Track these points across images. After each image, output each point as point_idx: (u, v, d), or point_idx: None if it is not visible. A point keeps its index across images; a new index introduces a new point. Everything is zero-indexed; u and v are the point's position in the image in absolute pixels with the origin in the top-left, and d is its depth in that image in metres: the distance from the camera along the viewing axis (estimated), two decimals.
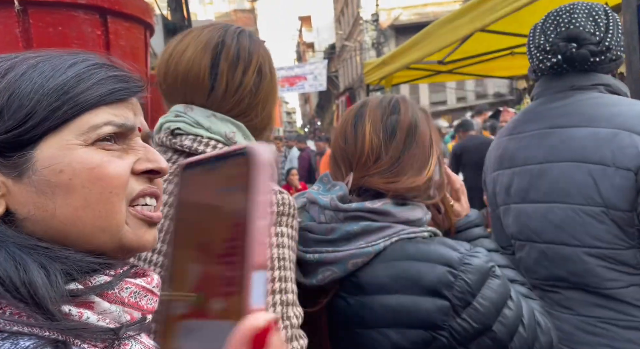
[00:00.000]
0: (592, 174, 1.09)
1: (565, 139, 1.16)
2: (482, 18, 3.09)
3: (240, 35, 0.93)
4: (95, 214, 0.48)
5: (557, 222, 1.16)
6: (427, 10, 20.44)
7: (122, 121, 0.51)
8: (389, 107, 0.96)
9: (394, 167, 0.92)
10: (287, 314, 0.77)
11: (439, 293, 0.82)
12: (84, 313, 0.44)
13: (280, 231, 0.81)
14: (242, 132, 0.92)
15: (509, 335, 0.84)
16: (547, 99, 1.25)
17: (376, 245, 0.87)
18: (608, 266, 1.10)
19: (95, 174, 0.48)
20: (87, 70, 0.51)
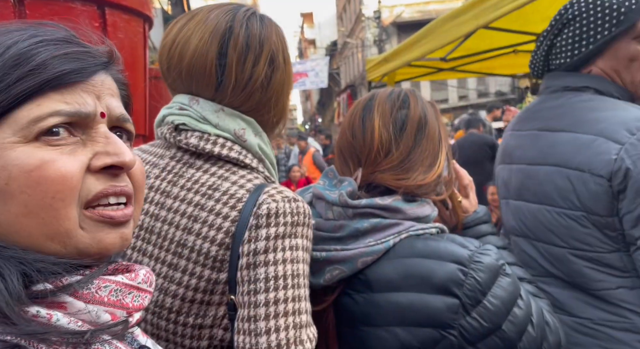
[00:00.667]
0: (571, 179, 1.09)
1: (552, 143, 1.17)
2: (485, 15, 3.06)
3: (250, 19, 0.84)
4: (39, 222, 0.42)
5: (546, 223, 1.17)
6: (430, 8, 20.37)
7: (74, 109, 0.44)
8: (399, 101, 0.94)
9: (405, 163, 0.90)
10: (300, 338, 0.71)
11: (449, 290, 0.81)
12: (54, 314, 0.40)
13: (295, 243, 0.75)
14: (253, 129, 0.85)
15: (518, 334, 0.83)
16: (544, 98, 1.26)
17: (385, 242, 0.85)
18: (595, 267, 1.10)
19: (34, 177, 0.41)
20: (30, 50, 0.43)
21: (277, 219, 0.74)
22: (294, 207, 0.77)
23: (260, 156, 0.86)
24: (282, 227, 0.74)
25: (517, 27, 3.85)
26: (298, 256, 0.75)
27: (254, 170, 0.83)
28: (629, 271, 1.07)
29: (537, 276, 1.26)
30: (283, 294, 0.72)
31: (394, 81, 5.45)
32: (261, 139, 0.86)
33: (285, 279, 0.73)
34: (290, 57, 0.92)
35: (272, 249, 0.73)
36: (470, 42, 3.96)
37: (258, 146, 0.85)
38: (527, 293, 0.88)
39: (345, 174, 0.95)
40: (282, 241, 0.74)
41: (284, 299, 0.72)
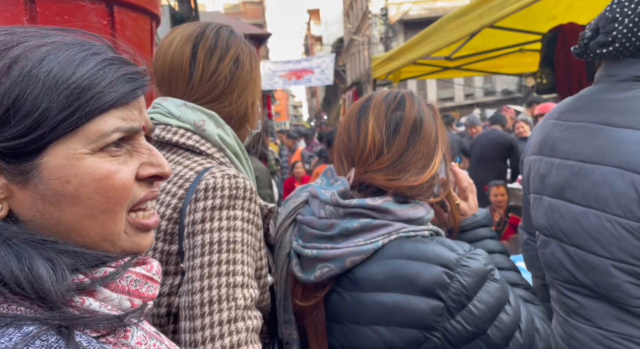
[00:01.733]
0: (636, 186, 0.97)
1: (614, 140, 1.02)
2: (491, 14, 3.05)
3: (220, 29, 0.98)
4: (98, 224, 0.48)
5: (589, 228, 1.05)
6: (437, 5, 20.25)
7: (129, 126, 0.50)
8: (394, 103, 0.94)
9: (396, 164, 0.90)
10: (233, 296, 0.77)
11: (433, 293, 0.81)
12: (86, 300, 0.45)
13: (233, 214, 0.82)
14: (214, 121, 0.94)
15: (504, 340, 0.83)
16: (606, 88, 1.08)
17: (374, 243, 0.86)
18: (637, 283, 1.00)
19: (102, 186, 0.47)
20: (97, 70, 0.48)
21: (215, 192, 0.82)
22: (233, 182, 0.84)
23: (220, 145, 0.94)
24: (218, 199, 0.82)
25: (523, 27, 3.83)
26: (235, 225, 0.82)
27: (209, 156, 0.91)
28: None
29: (561, 282, 1.17)
30: (217, 257, 0.79)
31: (399, 79, 5.45)
32: (223, 130, 0.95)
33: (220, 244, 0.79)
34: (259, 72, 1.04)
35: (208, 219, 0.81)
36: (476, 41, 3.95)
37: (218, 135, 0.94)
38: (518, 299, 0.88)
39: (340, 173, 0.95)
40: (219, 212, 0.81)
41: (217, 262, 0.78)
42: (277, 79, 12.32)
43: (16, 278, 0.41)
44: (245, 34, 1.08)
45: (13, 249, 0.43)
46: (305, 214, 0.97)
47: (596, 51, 1.05)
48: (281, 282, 0.98)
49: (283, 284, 0.98)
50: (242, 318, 0.77)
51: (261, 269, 0.92)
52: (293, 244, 0.95)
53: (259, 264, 0.91)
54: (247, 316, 0.78)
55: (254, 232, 0.85)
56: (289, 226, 1.01)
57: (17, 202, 0.46)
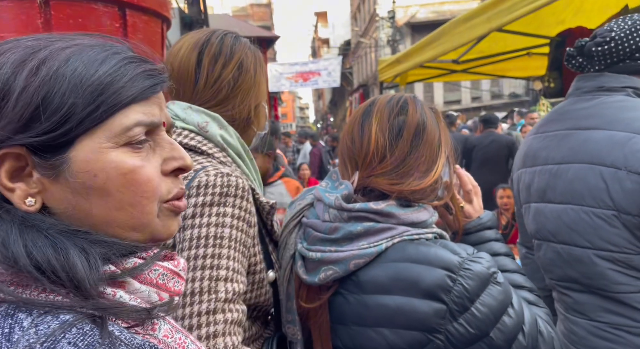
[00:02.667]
0: (604, 177, 1.08)
1: (583, 141, 1.15)
2: (499, 18, 3.05)
3: (225, 36, 1.03)
4: (128, 215, 0.50)
5: (570, 223, 1.16)
6: (444, 9, 20.21)
7: (150, 120, 0.52)
8: (397, 107, 0.95)
9: (399, 168, 0.91)
10: (215, 289, 0.80)
11: (436, 296, 0.82)
12: (117, 292, 0.47)
13: (223, 211, 0.85)
14: (218, 123, 0.98)
15: (507, 342, 0.83)
16: (575, 100, 1.24)
17: (378, 246, 0.87)
18: (619, 269, 1.10)
19: (128, 179, 0.49)
20: (118, 68, 0.50)
21: (206, 189, 0.86)
22: (225, 180, 0.87)
23: (222, 145, 0.98)
24: (209, 196, 0.85)
25: (532, 30, 3.83)
26: (224, 222, 0.85)
27: (210, 156, 0.95)
28: None
29: (557, 280, 1.25)
30: (203, 251, 0.82)
31: (406, 82, 5.45)
32: (226, 132, 0.99)
33: (207, 239, 0.83)
34: (265, 75, 1.08)
35: (198, 215, 0.84)
36: (483, 44, 3.95)
37: (220, 136, 0.98)
38: (521, 302, 0.88)
39: (345, 177, 0.96)
40: (209, 208, 0.85)
41: (202, 255, 0.82)
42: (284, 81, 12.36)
43: (53, 266, 0.43)
44: (252, 37, 1.12)
45: (49, 239, 0.45)
46: (310, 216, 0.98)
47: (591, 49, 1.16)
48: (284, 283, 0.99)
49: (286, 285, 0.99)
50: (222, 310, 0.80)
51: (255, 264, 0.94)
52: (298, 247, 0.96)
53: (252, 260, 0.93)
54: (227, 308, 0.81)
55: (245, 229, 0.88)
56: (294, 228, 1.02)
57: (50, 196, 0.48)
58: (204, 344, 0.77)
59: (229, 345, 0.79)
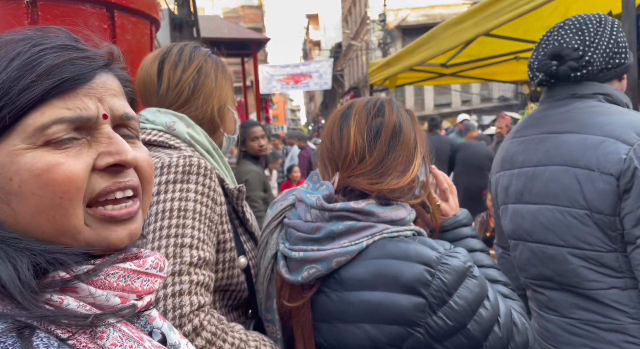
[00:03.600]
0: (578, 178, 1.13)
1: (558, 144, 1.20)
2: (486, 22, 3.10)
3: (185, 46, 1.12)
4: (50, 220, 0.46)
5: (545, 223, 1.21)
6: (435, 12, 20.39)
7: (75, 115, 0.47)
8: (374, 109, 0.98)
9: (378, 168, 0.93)
10: (180, 254, 0.84)
11: (416, 290, 0.84)
12: (65, 299, 0.44)
13: (186, 187, 0.90)
14: (185, 122, 1.05)
15: (483, 334, 0.86)
16: (548, 106, 1.30)
17: (359, 244, 0.89)
18: (590, 267, 1.14)
19: (42, 180, 0.45)
20: (31, 60, 0.46)
21: (169, 169, 0.91)
22: (187, 161, 0.92)
23: (190, 141, 1.04)
24: (172, 175, 0.91)
25: (519, 35, 3.88)
26: (188, 196, 0.89)
27: (178, 149, 1.00)
28: (624, 272, 1.11)
29: (531, 279, 1.30)
30: (167, 223, 0.86)
31: (395, 85, 5.49)
32: (193, 130, 1.06)
33: (171, 212, 0.87)
34: (228, 82, 1.14)
35: (163, 192, 0.89)
36: (472, 48, 4.00)
37: (188, 134, 1.04)
38: (497, 295, 0.91)
39: (325, 178, 0.99)
40: (172, 185, 0.90)
41: (167, 226, 0.86)
42: (275, 82, 12.37)
43: None
44: (244, 38, 1.18)
45: None
46: (291, 217, 1.00)
47: (569, 75, 1.23)
48: (264, 282, 1.01)
49: (266, 285, 1.00)
50: (188, 272, 0.83)
51: (225, 242, 0.98)
52: (280, 247, 0.98)
53: (221, 237, 0.97)
54: (193, 271, 0.83)
55: (210, 205, 0.92)
56: (276, 228, 1.04)
57: None
58: (169, 303, 0.77)
59: (194, 303, 0.80)
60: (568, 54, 1.22)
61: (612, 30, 1.22)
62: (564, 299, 1.21)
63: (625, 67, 1.24)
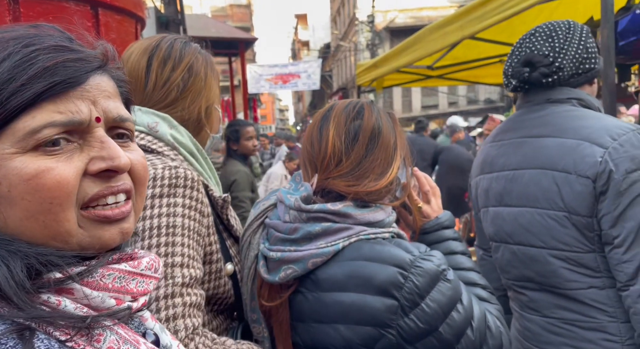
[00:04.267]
0: (556, 181, 1.16)
1: (536, 147, 1.23)
2: (472, 26, 3.13)
3: (175, 41, 1.06)
4: (40, 224, 0.45)
5: (525, 225, 1.23)
6: (423, 14, 20.53)
7: (67, 118, 0.46)
8: (354, 112, 0.98)
9: (355, 170, 0.94)
10: (171, 274, 0.83)
11: (388, 292, 0.85)
12: (62, 300, 0.44)
13: (173, 201, 0.88)
14: (168, 123, 1.01)
15: (455, 337, 0.87)
16: (526, 111, 1.33)
17: (335, 245, 0.90)
18: (570, 267, 1.17)
19: (32, 185, 0.44)
20: (23, 62, 0.45)
21: (155, 182, 0.88)
22: (173, 172, 0.90)
23: (173, 144, 1.01)
24: (158, 188, 0.88)
25: (504, 39, 3.93)
26: (176, 211, 0.87)
27: (160, 154, 0.98)
28: (602, 272, 1.14)
29: (513, 281, 1.32)
30: (156, 241, 0.84)
31: (382, 87, 5.52)
32: (177, 131, 1.01)
33: (159, 229, 0.85)
34: (216, 79, 1.09)
35: (149, 207, 0.87)
36: (457, 51, 4.04)
37: (171, 135, 1.00)
38: (471, 298, 0.92)
39: (305, 179, 0.99)
40: (159, 199, 0.87)
41: (156, 244, 0.84)
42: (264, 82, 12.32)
43: None
44: (231, 38, 1.14)
45: None
46: (272, 217, 1.00)
47: (541, 81, 1.26)
48: (248, 282, 1.01)
49: (250, 285, 1.01)
50: (180, 294, 0.82)
51: (211, 254, 0.97)
52: (260, 247, 0.99)
53: (208, 249, 0.95)
54: (185, 292, 0.83)
55: (198, 218, 0.90)
56: (258, 228, 1.04)
57: None
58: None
59: (189, 326, 0.80)
60: (539, 60, 1.25)
61: (580, 37, 1.25)
62: (544, 299, 1.23)
63: (595, 72, 1.27)
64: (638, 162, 1.07)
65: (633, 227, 1.06)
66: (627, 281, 1.08)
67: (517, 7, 2.65)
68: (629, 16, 2.38)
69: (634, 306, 1.07)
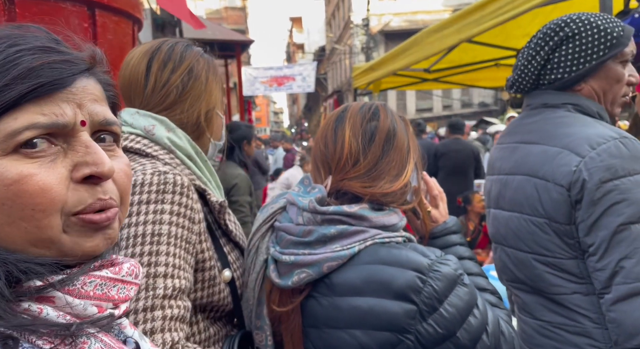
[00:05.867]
0: (537, 188, 1.17)
1: (525, 154, 1.24)
2: (468, 29, 3.15)
3: (176, 44, 1.05)
4: (21, 230, 0.44)
5: (514, 229, 1.25)
6: (417, 18, 20.65)
7: (50, 121, 0.44)
8: (369, 113, 0.98)
9: (372, 172, 0.93)
10: (153, 286, 0.80)
11: (407, 297, 0.84)
12: (44, 308, 0.43)
13: (160, 208, 0.85)
14: (165, 126, 0.99)
15: (472, 342, 0.86)
16: (525, 114, 1.33)
17: (351, 248, 0.88)
18: (554, 272, 1.18)
19: (13, 191, 0.42)
20: (7, 62, 0.43)
21: (142, 188, 0.86)
22: (162, 178, 0.88)
23: (170, 147, 0.98)
24: (145, 194, 0.86)
25: (499, 42, 3.96)
26: (162, 219, 0.85)
27: (155, 158, 0.95)
28: (585, 278, 1.13)
29: (509, 281, 1.33)
30: (140, 250, 0.82)
31: (379, 89, 5.53)
32: (174, 134, 1.00)
33: (144, 237, 0.82)
34: (218, 84, 1.07)
35: (135, 213, 0.84)
36: (454, 54, 4.06)
37: (168, 138, 0.98)
38: (485, 303, 0.91)
39: (317, 181, 0.98)
40: (146, 206, 0.85)
41: (139, 253, 0.81)
42: (259, 85, 12.31)
43: None
44: (227, 40, 1.13)
45: None
46: (282, 220, 0.98)
47: (511, 88, 1.31)
48: (255, 288, 0.99)
49: (257, 290, 0.98)
50: (161, 306, 0.79)
51: (204, 261, 0.94)
52: (270, 251, 0.97)
53: (200, 257, 0.93)
54: (167, 305, 0.80)
55: (187, 226, 0.88)
56: (267, 232, 1.02)
57: None
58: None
59: (167, 341, 0.77)
60: (514, 69, 1.26)
61: (577, 39, 1.21)
62: (535, 302, 1.24)
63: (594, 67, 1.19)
64: (614, 171, 1.05)
65: (605, 236, 1.05)
66: (602, 289, 1.08)
67: (514, 11, 2.67)
68: (627, 20, 2.40)
69: (608, 314, 1.07)
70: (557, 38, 1.21)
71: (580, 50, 1.19)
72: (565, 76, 1.22)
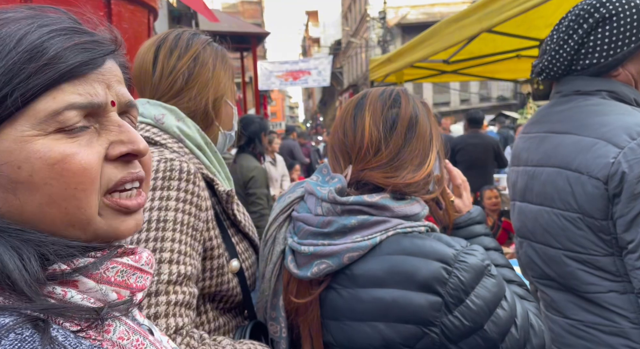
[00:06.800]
0: (570, 181, 1.10)
1: (555, 145, 1.17)
2: (489, 18, 3.06)
3: (183, 33, 1.06)
4: (61, 211, 0.44)
5: (544, 224, 1.19)
6: (435, 10, 20.35)
7: (87, 100, 0.46)
8: (390, 100, 0.94)
9: (394, 161, 0.90)
10: (158, 271, 0.80)
11: (432, 289, 0.81)
12: (68, 291, 0.43)
13: (167, 194, 0.85)
14: (175, 115, 0.99)
15: (500, 335, 0.83)
16: (554, 102, 1.26)
17: (372, 239, 0.86)
18: (587, 270, 1.11)
19: (57, 170, 0.43)
20: (42, 42, 0.44)
21: None
22: (168, 165, 0.88)
23: (179, 136, 0.98)
24: (152, 181, 0.85)
25: (521, 32, 3.85)
26: (168, 205, 0.85)
27: (163, 146, 0.96)
28: (622, 276, 1.07)
29: (536, 278, 1.28)
30: (145, 236, 0.82)
31: (401, 81, 5.45)
32: (184, 123, 0.99)
33: (149, 223, 0.83)
34: (227, 73, 1.07)
35: None
36: (473, 45, 3.96)
37: (177, 127, 0.98)
38: (513, 295, 0.88)
39: (336, 171, 0.95)
40: (152, 193, 0.85)
41: (145, 239, 0.82)
42: (274, 79, 12.30)
43: None
44: (243, 32, 1.11)
45: None
46: (300, 210, 0.96)
47: (540, 74, 1.23)
48: (272, 279, 0.97)
49: (274, 281, 0.96)
50: (166, 292, 0.79)
51: (212, 249, 0.93)
52: (288, 241, 0.94)
53: (208, 244, 0.92)
54: (172, 290, 0.79)
55: (194, 213, 0.87)
56: (284, 222, 1.00)
57: None
58: None
59: (171, 326, 0.77)
60: (541, 54, 1.19)
61: (614, 19, 1.12)
62: (566, 300, 1.18)
63: (637, 47, 1.12)
64: None
65: None
66: None
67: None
68: None
69: None
70: (592, 20, 1.13)
71: (619, 33, 1.11)
72: (602, 61, 1.14)
